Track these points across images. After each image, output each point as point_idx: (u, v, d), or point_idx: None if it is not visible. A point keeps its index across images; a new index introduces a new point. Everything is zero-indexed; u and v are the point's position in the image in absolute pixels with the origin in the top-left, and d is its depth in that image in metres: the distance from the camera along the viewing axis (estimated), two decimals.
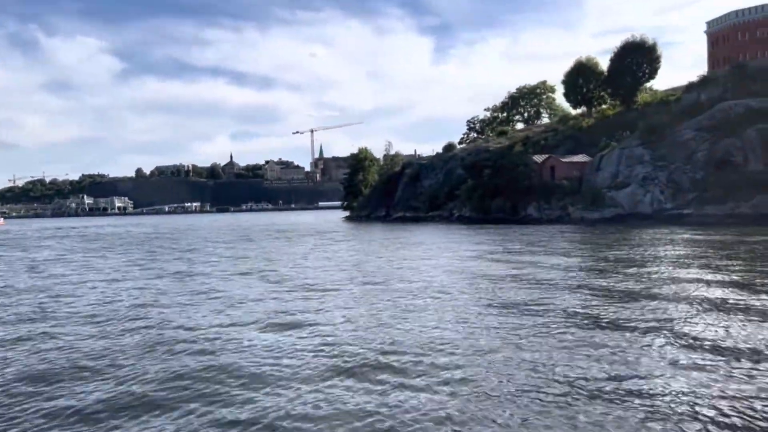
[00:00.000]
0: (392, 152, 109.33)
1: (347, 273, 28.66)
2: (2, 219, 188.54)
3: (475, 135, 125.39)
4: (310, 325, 16.52)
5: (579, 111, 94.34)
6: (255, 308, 19.47)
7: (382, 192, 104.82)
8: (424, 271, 28.19)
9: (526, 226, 65.19)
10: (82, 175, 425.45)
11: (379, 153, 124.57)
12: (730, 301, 17.81)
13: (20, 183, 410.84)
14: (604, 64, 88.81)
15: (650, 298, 18.85)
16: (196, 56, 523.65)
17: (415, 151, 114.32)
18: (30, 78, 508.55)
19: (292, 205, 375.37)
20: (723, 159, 61.15)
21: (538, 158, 78.60)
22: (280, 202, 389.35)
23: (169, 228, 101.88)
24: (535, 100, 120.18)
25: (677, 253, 32.11)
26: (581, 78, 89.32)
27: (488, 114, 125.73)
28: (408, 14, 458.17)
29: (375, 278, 26.11)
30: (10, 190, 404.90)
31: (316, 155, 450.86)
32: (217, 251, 45.66)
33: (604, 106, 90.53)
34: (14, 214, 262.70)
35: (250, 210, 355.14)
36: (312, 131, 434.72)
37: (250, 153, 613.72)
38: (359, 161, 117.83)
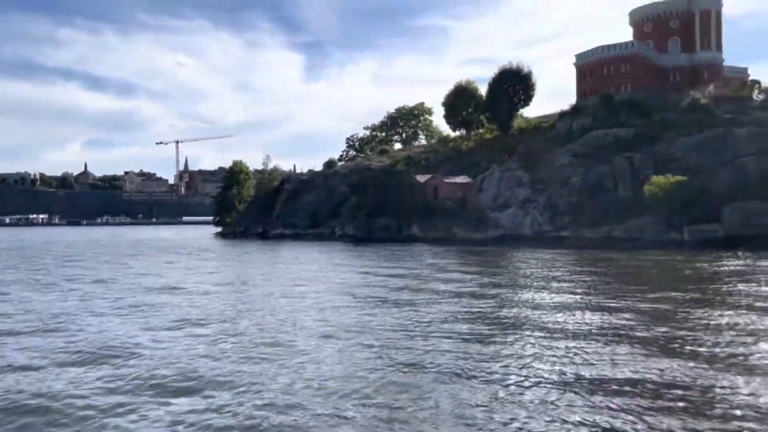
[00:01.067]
0: (271, 166, 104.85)
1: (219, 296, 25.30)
2: None
3: (354, 153, 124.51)
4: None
5: (458, 133, 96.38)
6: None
7: (259, 208, 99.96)
8: (304, 292, 25.82)
9: (410, 245, 64.46)
10: None
11: (254, 167, 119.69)
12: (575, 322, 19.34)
13: None
14: (482, 88, 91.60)
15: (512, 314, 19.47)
16: (47, 56, 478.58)
17: (294, 166, 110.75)
18: None
19: (154, 219, 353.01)
20: (596, 185, 64.45)
21: (422, 178, 78.69)
22: (140, 216, 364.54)
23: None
24: (414, 121, 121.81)
25: (549, 273, 32.35)
26: (461, 101, 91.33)
27: (368, 132, 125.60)
28: (280, 30, 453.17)
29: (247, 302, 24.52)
30: None
31: (182, 168, 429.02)
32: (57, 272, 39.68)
33: (481, 130, 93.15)
34: None
35: (106, 224, 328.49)
36: (177, 142, 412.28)
37: (107, 163, 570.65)
38: (234, 174, 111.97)
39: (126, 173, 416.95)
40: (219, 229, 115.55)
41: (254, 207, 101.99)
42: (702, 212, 53.70)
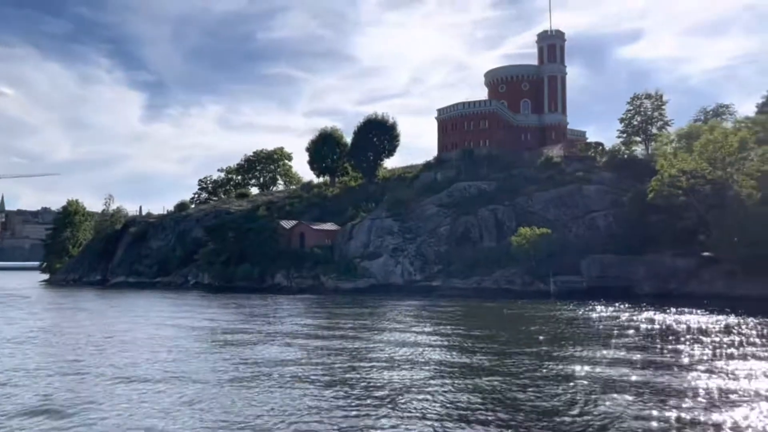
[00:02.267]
0: (113, 207, 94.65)
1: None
2: None
3: (207, 195, 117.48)
4: None
5: (322, 180, 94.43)
6: None
7: (98, 253, 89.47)
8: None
9: (274, 295, 60.44)
10: None
11: (91, 208, 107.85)
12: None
13: None
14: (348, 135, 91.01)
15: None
16: None
17: (140, 207, 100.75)
18: None
19: None
20: (463, 235, 65.34)
21: (287, 224, 75.12)
22: None
23: None
24: (272, 166, 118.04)
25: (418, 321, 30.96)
26: (326, 148, 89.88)
27: (222, 175, 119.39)
28: (118, 66, 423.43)
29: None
30: None
31: None
32: None
33: (345, 178, 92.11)
34: None
35: None
36: None
37: None
38: (68, 215, 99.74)
39: None
40: (47, 276, 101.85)
41: (92, 252, 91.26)
42: (563, 264, 56.06)
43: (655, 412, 14.45)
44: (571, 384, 17.58)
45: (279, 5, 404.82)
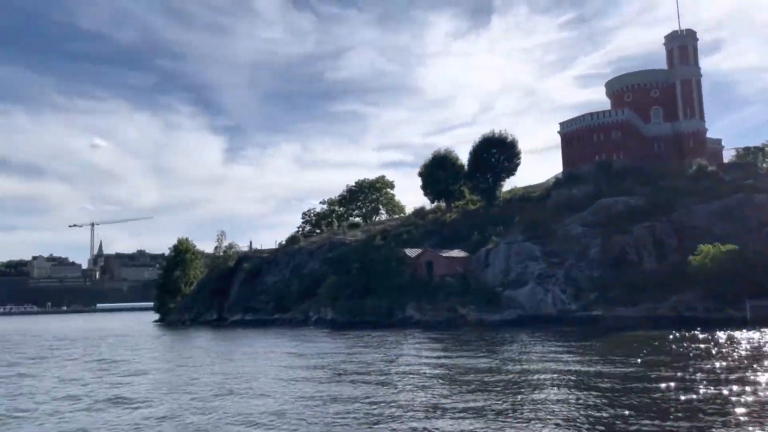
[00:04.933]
0: (225, 243, 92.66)
1: None
2: None
3: (310, 228, 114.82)
4: None
5: (435, 205, 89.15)
6: None
7: (212, 291, 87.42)
8: None
9: (410, 329, 54.88)
10: None
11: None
12: None
13: None
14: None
15: None
16: None
17: (250, 243, 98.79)
18: None
19: (64, 308, 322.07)
20: (619, 256, 57.89)
21: (412, 252, 69.89)
22: (49, 304, 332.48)
23: None
24: (374, 195, 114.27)
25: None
26: (441, 170, 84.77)
27: (325, 207, 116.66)
28: (200, 112, 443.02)
29: None
30: None
31: (96, 252, 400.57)
32: None
33: (461, 201, 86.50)
34: None
35: (9, 313, 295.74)
36: (93, 225, 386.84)
37: (12, 247, 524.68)
38: (179, 254, 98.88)
39: (34, 258, 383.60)
40: (158, 317, 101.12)
41: (205, 290, 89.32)
42: (753, 285, 47.64)
43: None
44: None
45: (345, 45, 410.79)
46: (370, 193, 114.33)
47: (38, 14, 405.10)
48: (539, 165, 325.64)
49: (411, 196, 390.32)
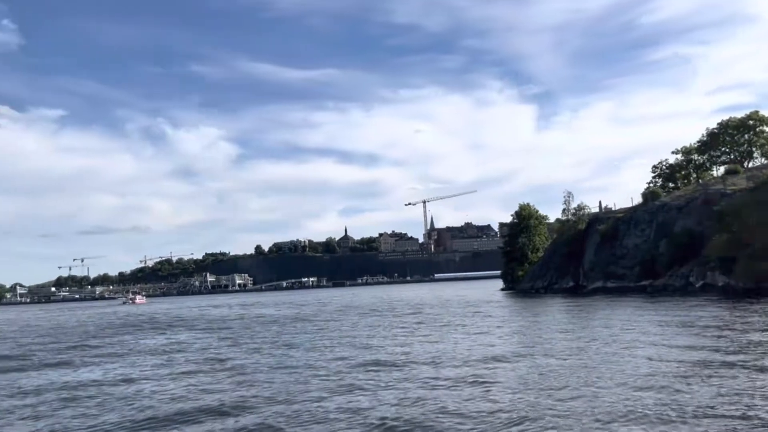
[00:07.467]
0: (573, 205, 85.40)
1: None
2: (144, 297, 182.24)
3: (661, 182, 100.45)
4: None
5: None
6: None
7: (563, 257, 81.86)
8: None
9: None
10: (205, 254, 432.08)
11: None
12: None
13: (150, 263, 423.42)
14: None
15: None
16: (305, 138, 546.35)
17: (600, 202, 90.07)
18: (159, 167, 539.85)
19: (407, 278, 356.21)
20: None
21: None
22: (396, 274, 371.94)
23: (313, 309, 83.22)
24: (746, 136, 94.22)
25: None
26: None
27: (679, 157, 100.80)
28: (508, 85, 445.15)
29: None
30: (141, 270, 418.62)
31: (428, 227, 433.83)
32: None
33: None
34: (143, 293, 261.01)
35: (366, 284, 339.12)
36: (425, 202, 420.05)
37: (360, 227, 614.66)
38: (522, 220, 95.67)
39: (380, 235, 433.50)
40: (503, 285, 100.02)
41: (556, 256, 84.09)
42: None
43: None
44: None
45: None
46: (739, 134, 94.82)
47: (361, 18, 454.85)
48: None
49: None
